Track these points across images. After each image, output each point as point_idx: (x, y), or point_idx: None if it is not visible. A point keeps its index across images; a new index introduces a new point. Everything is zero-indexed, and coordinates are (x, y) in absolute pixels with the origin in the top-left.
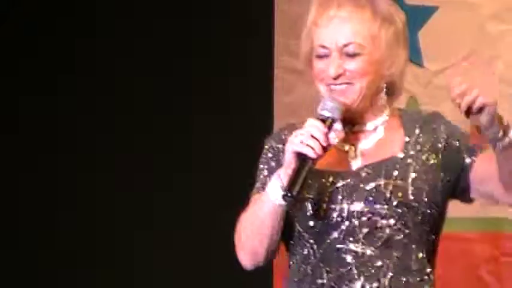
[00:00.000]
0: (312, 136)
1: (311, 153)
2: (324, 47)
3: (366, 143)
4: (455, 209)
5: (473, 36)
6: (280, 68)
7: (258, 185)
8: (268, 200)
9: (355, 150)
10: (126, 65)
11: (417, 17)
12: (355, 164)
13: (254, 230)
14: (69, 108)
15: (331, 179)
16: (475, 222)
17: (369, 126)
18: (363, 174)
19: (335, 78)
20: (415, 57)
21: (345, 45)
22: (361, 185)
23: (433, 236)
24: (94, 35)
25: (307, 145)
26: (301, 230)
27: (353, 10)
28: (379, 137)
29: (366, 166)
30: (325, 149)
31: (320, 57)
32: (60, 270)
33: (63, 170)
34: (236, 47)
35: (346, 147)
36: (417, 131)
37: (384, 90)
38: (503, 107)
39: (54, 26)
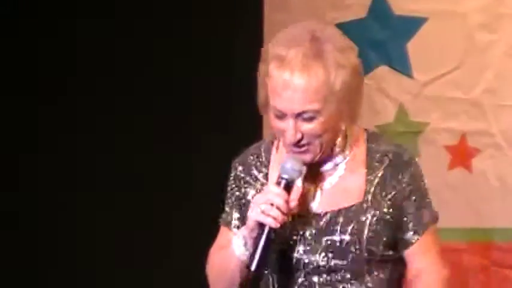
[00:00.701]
0: (275, 205)
1: (273, 224)
2: (280, 111)
3: (326, 183)
4: (443, 219)
5: (463, 47)
6: None
7: (224, 214)
8: (233, 255)
9: (315, 192)
10: (126, 65)
11: (406, 28)
12: (315, 207)
13: (223, 279)
14: (68, 108)
15: (288, 223)
16: (464, 233)
17: (329, 165)
18: (321, 223)
19: (295, 144)
20: (404, 68)
21: (299, 114)
22: (319, 237)
23: (395, 279)
24: (94, 35)
25: (269, 215)
26: (265, 271)
27: (306, 75)
28: (340, 175)
29: (325, 214)
30: (286, 215)
31: (278, 117)
32: (60, 270)
33: (63, 169)
34: (221, 58)
35: (306, 186)
36: (380, 174)
37: (343, 132)
38: (491, 118)
39: (56, 27)
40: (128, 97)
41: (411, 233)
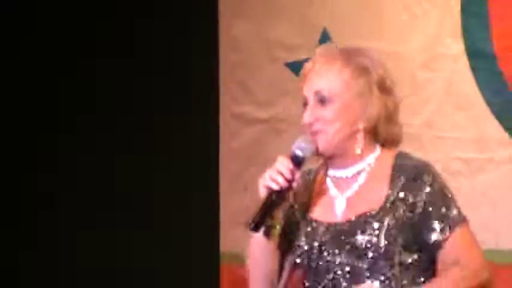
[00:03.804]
0: (278, 171)
1: (274, 186)
2: (304, 97)
3: (349, 191)
4: None
5: (406, 84)
6: (225, 114)
7: None
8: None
9: (340, 199)
10: (126, 66)
11: None
12: (340, 213)
13: (250, 263)
14: (69, 108)
15: (320, 230)
16: None
17: (351, 170)
18: (345, 227)
19: (309, 125)
20: None
21: (316, 93)
22: (342, 238)
23: (422, 279)
24: (94, 35)
25: (272, 179)
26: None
27: (325, 62)
28: (360, 184)
29: (347, 220)
30: (289, 182)
31: (304, 107)
32: (60, 270)
33: (64, 170)
34: (180, 95)
35: (334, 195)
36: (400, 185)
37: (361, 136)
38: (429, 151)
39: (56, 27)
40: (127, 99)
41: (437, 232)
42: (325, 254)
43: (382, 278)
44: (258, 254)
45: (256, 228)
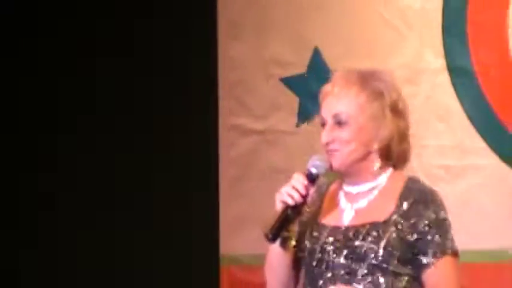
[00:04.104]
0: (293, 187)
1: (289, 201)
2: (322, 117)
3: (360, 203)
4: None
5: None
6: (224, 126)
7: None
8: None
9: (349, 210)
10: (126, 66)
11: None
12: (347, 222)
13: (267, 270)
14: (69, 108)
15: (325, 232)
16: None
17: (363, 188)
18: (350, 233)
19: (326, 144)
20: None
21: (334, 115)
22: (345, 242)
23: None
24: (94, 35)
25: (288, 194)
26: (304, 274)
27: (343, 86)
28: (371, 199)
29: (353, 226)
30: (304, 197)
31: (322, 126)
32: (60, 270)
33: (64, 170)
34: (180, 113)
35: (343, 206)
36: (406, 206)
37: (375, 156)
38: (412, 156)
39: (56, 27)
40: (127, 99)
41: (430, 255)
42: (327, 254)
43: (371, 283)
44: (276, 263)
45: (273, 240)
